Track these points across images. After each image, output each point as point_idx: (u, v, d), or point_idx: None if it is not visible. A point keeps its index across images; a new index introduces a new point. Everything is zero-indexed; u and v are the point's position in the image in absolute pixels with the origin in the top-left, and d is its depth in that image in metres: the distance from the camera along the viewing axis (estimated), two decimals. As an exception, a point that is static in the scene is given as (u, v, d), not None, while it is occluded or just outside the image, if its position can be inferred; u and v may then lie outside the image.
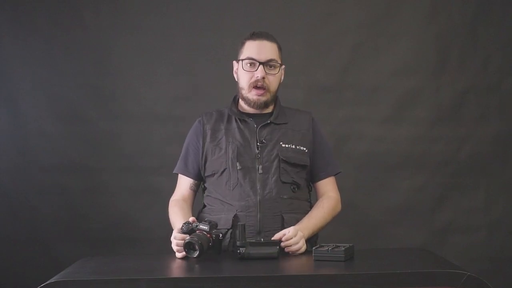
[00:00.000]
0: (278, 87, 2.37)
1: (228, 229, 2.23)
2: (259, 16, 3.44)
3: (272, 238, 2.12)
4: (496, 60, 3.53)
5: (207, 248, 2.03)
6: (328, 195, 2.39)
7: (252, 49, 2.31)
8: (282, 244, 2.11)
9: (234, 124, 2.35)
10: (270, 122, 2.34)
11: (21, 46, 3.42)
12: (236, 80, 2.40)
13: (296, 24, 3.47)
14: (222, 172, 2.30)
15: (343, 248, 1.92)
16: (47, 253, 3.39)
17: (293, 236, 2.12)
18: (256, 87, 2.30)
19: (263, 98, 2.32)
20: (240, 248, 1.98)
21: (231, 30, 3.41)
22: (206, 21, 3.46)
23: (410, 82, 3.51)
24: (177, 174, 2.46)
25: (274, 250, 2.00)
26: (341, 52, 3.51)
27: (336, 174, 2.45)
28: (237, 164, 2.27)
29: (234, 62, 2.40)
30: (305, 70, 3.45)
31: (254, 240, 2.03)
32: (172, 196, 2.45)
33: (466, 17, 3.51)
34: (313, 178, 2.42)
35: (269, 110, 2.39)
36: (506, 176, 3.53)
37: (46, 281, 1.71)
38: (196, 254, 2.00)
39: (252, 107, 2.35)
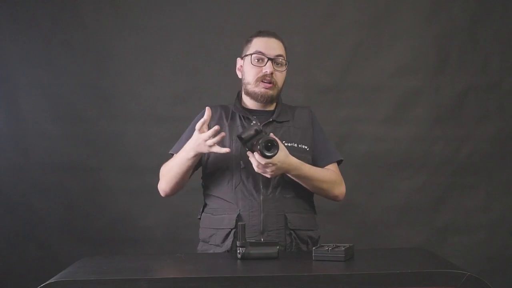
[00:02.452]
0: (283, 84, 2.37)
1: (231, 229, 2.22)
2: (259, 16, 3.44)
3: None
4: (496, 60, 3.53)
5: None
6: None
7: (261, 44, 2.31)
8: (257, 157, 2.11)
9: (238, 121, 2.34)
10: (273, 120, 2.34)
11: (21, 46, 3.42)
12: (240, 77, 2.39)
13: (296, 24, 3.47)
14: (225, 170, 2.28)
15: (343, 248, 1.91)
16: (47, 253, 3.39)
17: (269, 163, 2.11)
18: (263, 81, 2.30)
19: (271, 92, 2.31)
20: (240, 248, 1.98)
21: (231, 30, 3.41)
22: (206, 21, 3.47)
23: (410, 82, 3.51)
24: (172, 155, 2.39)
25: (274, 250, 1.99)
26: (341, 52, 3.51)
27: (338, 162, 2.40)
28: (241, 162, 2.26)
29: (238, 59, 2.39)
30: (305, 70, 3.45)
31: (254, 240, 2.03)
32: None
33: (466, 17, 3.52)
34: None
35: (272, 107, 2.38)
36: (506, 176, 3.53)
37: (46, 281, 1.70)
38: (275, 152, 2.06)
39: (259, 100, 2.32)
